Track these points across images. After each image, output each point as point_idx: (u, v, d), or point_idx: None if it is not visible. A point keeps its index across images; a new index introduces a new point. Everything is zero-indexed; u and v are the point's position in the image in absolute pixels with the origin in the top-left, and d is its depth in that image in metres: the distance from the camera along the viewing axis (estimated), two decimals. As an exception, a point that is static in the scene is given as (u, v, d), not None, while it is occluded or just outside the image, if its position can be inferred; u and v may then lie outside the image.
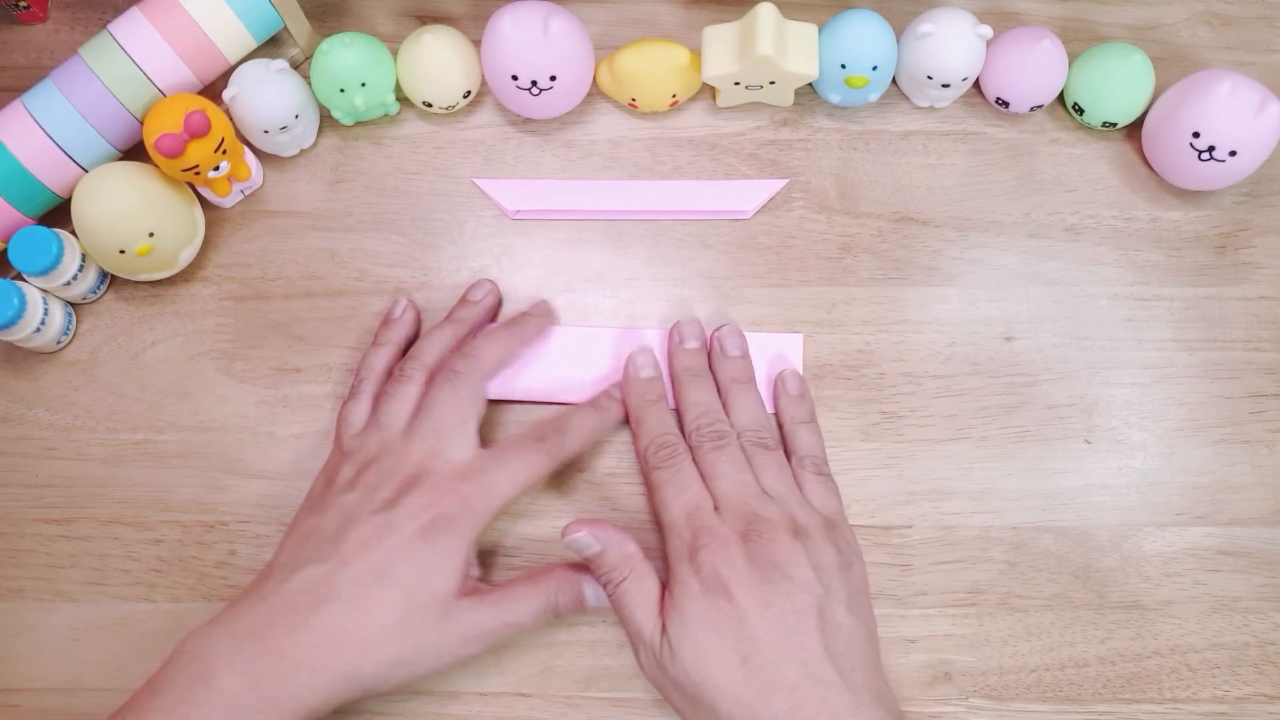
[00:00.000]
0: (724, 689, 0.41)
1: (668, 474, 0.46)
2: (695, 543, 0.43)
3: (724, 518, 0.44)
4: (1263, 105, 0.48)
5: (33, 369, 0.52)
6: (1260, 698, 0.48)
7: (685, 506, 0.45)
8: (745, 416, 0.48)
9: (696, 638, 0.42)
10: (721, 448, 0.47)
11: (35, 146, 0.48)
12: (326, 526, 0.44)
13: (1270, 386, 0.52)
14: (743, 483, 0.46)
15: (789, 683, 0.41)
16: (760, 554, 0.43)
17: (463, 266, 0.53)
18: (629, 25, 0.56)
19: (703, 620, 0.42)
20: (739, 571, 0.42)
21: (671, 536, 0.44)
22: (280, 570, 0.43)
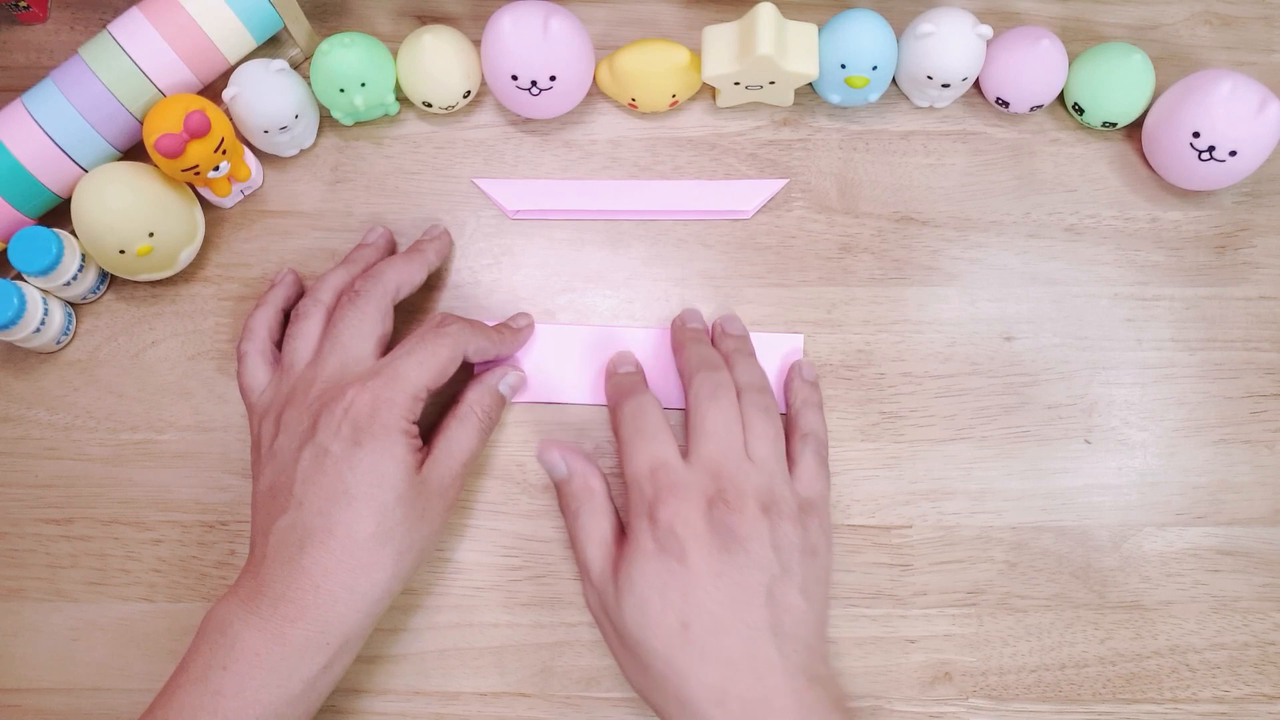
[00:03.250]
0: (659, 650, 0.41)
1: (635, 425, 0.45)
2: (657, 498, 0.42)
3: (694, 475, 0.43)
4: (1263, 105, 0.48)
5: (33, 369, 0.52)
6: (1260, 698, 0.48)
7: (651, 460, 0.44)
8: (748, 376, 0.47)
9: (642, 595, 0.41)
10: (717, 398, 0.45)
11: (35, 146, 0.48)
12: (273, 481, 0.44)
13: (1270, 386, 0.52)
14: (729, 444, 0.44)
15: (725, 655, 0.40)
16: (722, 522, 0.42)
17: (463, 266, 0.53)
18: (629, 25, 0.56)
19: (651, 580, 0.41)
20: (697, 535, 0.42)
21: (633, 490, 0.44)
22: (257, 540, 0.44)
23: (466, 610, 0.49)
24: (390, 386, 0.44)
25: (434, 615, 0.49)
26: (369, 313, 0.46)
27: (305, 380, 0.45)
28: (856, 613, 0.49)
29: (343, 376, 0.45)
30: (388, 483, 0.43)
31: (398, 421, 0.44)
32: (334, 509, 0.42)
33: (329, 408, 0.44)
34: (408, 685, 0.48)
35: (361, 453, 0.43)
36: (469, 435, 0.47)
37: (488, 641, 0.49)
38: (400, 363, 0.45)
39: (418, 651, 0.49)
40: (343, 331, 0.46)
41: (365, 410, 0.43)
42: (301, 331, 0.47)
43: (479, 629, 0.49)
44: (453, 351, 0.46)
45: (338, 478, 0.42)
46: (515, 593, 0.49)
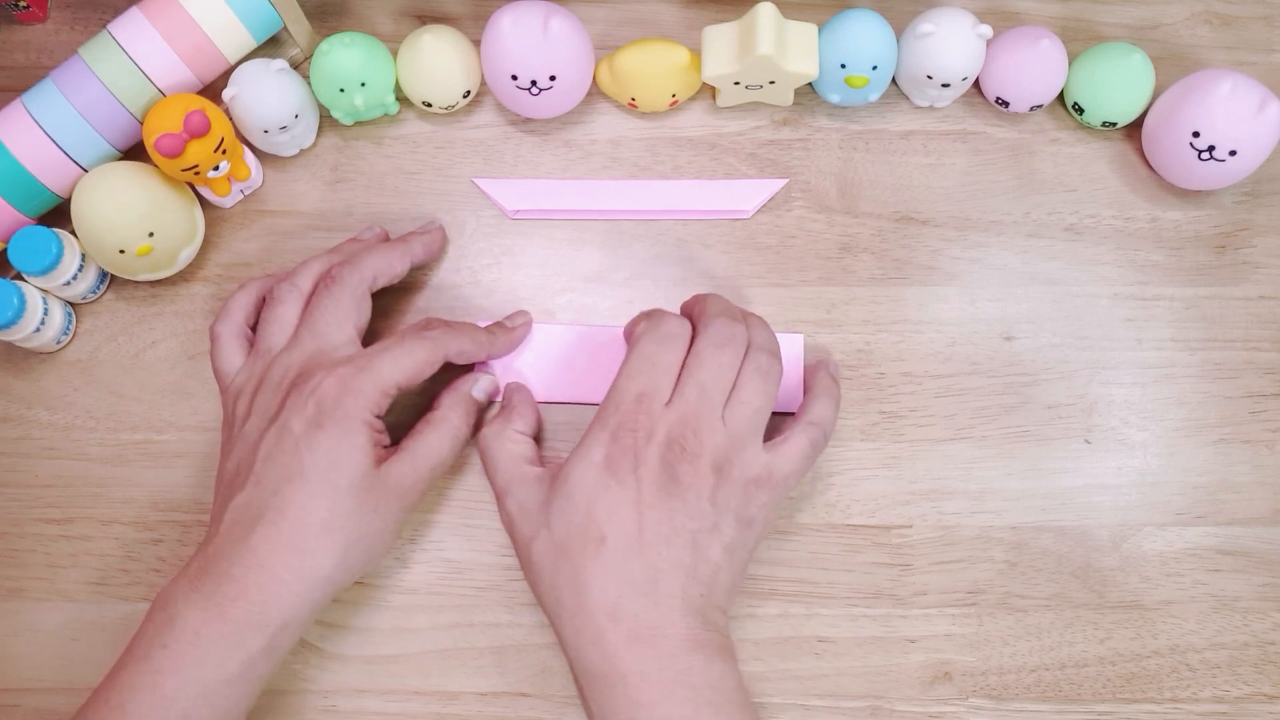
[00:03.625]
0: (572, 554, 0.42)
1: (647, 349, 0.44)
2: (624, 423, 0.43)
3: (669, 415, 0.43)
4: (1263, 105, 0.48)
5: (33, 369, 0.52)
6: (1260, 698, 0.48)
7: (639, 387, 0.44)
8: (761, 337, 0.46)
9: (573, 497, 0.43)
10: (724, 349, 0.44)
11: (35, 146, 0.48)
12: (238, 461, 0.44)
13: (1270, 386, 0.52)
14: (711, 400, 0.44)
15: (631, 576, 0.42)
16: (672, 465, 0.43)
17: (462, 266, 0.53)
18: (629, 25, 0.56)
19: (586, 487, 0.42)
20: (647, 467, 0.42)
21: (608, 403, 0.44)
22: (215, 516, 0.44)
23: (466, 610, 0.49)
24: (359, 376, 0.44)
25: (434, 615, 0.49)
26: (344, 300, 0.46)
27: (280, 365, 0.45)
28: (857, 613, 0.49)
29: (317, 362, 0.45)
30: (343, 469, 0.43)
31: (360, 411, 0.43)
32: (288, 488, 0.42)
33: (298, 388, 0.44)
34: (408, 685, 0.48)
35: (321, 435, 0.43)
36: (438, 440, 0.46)
37: (488, 641, 0.49)
38: (375, 356, 0.45)
39: (418, 651, 0.49)
40: (319, 318, 0.46)
41: (331, 394, 0.43)
42: (277, 316, 0.47)
43: (479, 629, 0.49)
44: (431, 354, 0.46)
45: (296, 457, 0.43)
46: (515, 593, 0.49)
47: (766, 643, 0.49)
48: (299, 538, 0.42)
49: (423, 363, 0.46)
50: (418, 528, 0.50)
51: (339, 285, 0.47)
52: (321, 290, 0.47)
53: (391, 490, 0.44)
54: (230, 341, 0.48)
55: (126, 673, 0.41)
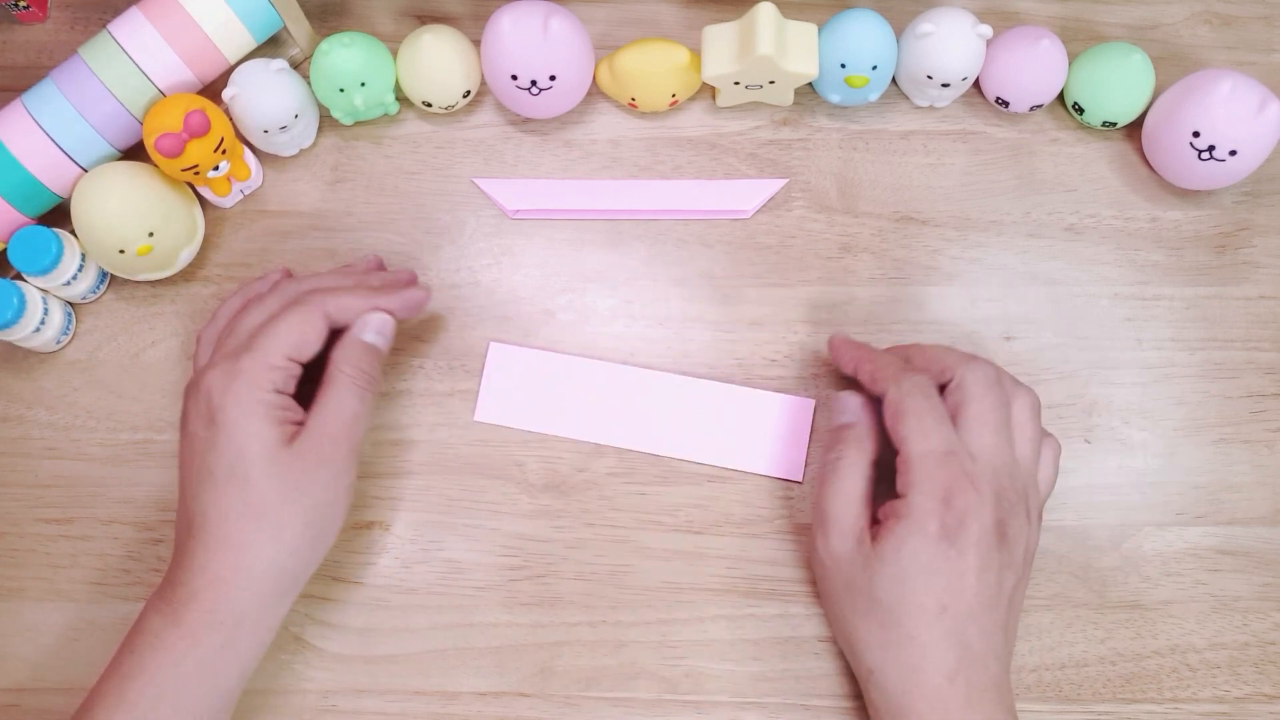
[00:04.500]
0: (906, 625, 0.42)
1: (924, 404, 0.44)
2: (954, 485, 0.42)
3: (983, 469, 0.43)
4: (1263, 105, 0.48)
5: (33, 369, 0.52)
6: (1260, 698, 0.48)
7: (944, 444, 0.43)
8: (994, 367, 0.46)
9: (907, 571, 0.42)
10: (992, 389, 0.44)
11: (35, 146, 0.48)
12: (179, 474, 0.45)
13: (1270, 386, 0.52)
14: (1003, 440, 0.44)
15: (967, 641, 0.42)
16: (1003, 523, 0.43)
17: (462, 266, 0.53)
18: (629, 25, 0.56)
19: (922, 560, 0.42)
20: (986, 532, 0.42)
21: (918, 467, 0.43)
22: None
23: (466, 610, 0.49)
24: (241, 360, 0.43)
25: (434, 615, 0.49)
26: (269, 305, 0.46)
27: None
28: (856, 613, 0.49)
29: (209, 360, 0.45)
30: (246, 458, 0.42)
31: (251, 393, 0.42)
32: (203, 492, 0.43)
33: (191, 392, 0.44)
34: (408, 685, 0.49)
35: (216, 431, 0.42)
36: (342, 395, 0.44)
37: (488, 641, 0.49)
38: (254, 340, 0.44)
39: (418, 651, 0.49)
40: (236, 322, 0.45)
41: (219, 388, 0.43)
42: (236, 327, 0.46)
43: (479, 629, 0.49)
44: (308, 316, 0.44)
45: (201, 460, 0.43)
46: (515, 593, 0.49)
47: (766, 642, 0.49)
48: (227, 535, 0.42)
49: (302, 326, 0.44)
50: (418, 528, 0.50)
51: (271, 292, 0.46)
52: (256, 298, 0.46)
53: (311, 462, 0.43)
54: (206, 347, 0.47)
55: (104, 682, 0.42)
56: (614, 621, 0.49)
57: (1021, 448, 0.45)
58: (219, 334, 0.47)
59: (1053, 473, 0.46)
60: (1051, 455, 0.46)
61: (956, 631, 0.42)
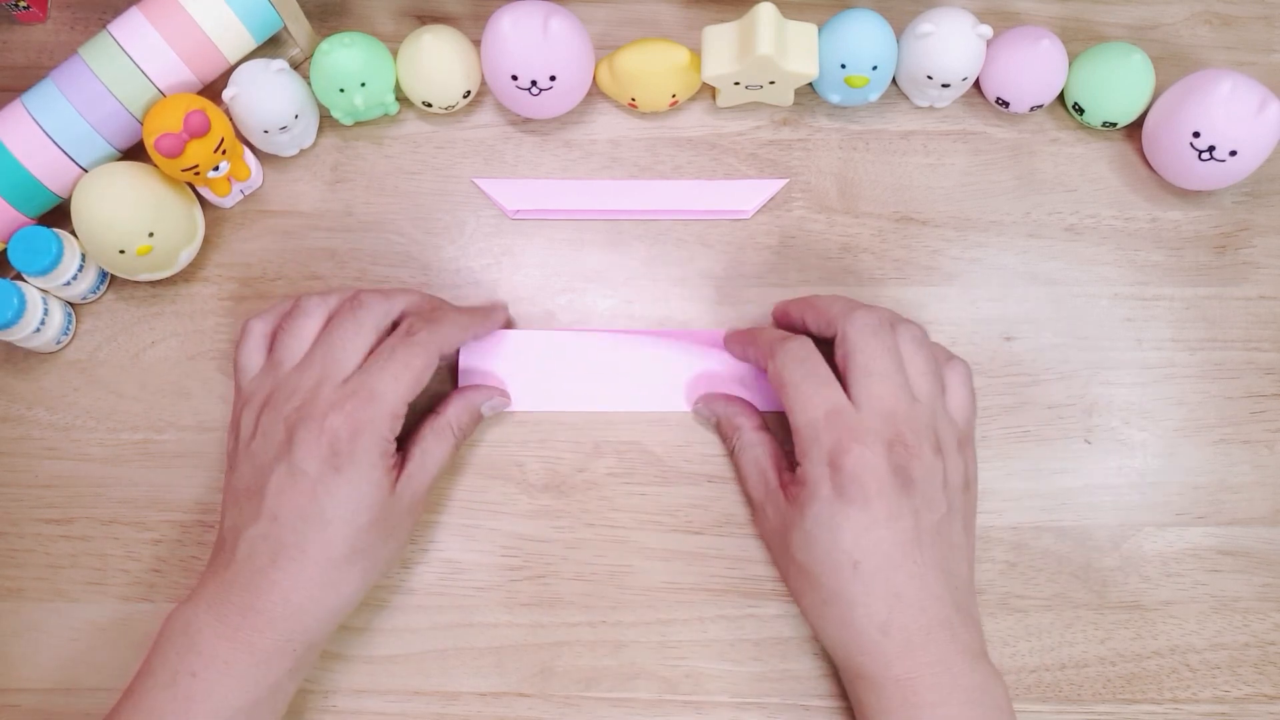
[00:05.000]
0: (828, 583, 0.43)
1: (803, 370, 0.44)
2: (839, 445, 0.42)
3: (869, 419, 0.43)
4: (1263, 105, 0.48)
5: (33, 369, 0.52)
6: (1260, 698, 0.48)
7: (826, 405, 0.43)
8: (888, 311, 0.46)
9: (814, 535, 0.43)
10: (879, 335, 0.44)
11: (35, 146, 0.48)
12: (247, 483, 0.44)
13: (1270, 386, 0.52)
14: (896, 383, 0.44)
15: (894, 589, 0.42)
16: (902, 466, 0.42)
17: (462, 266, 0.53)
18: (629, 25, 0.56)
19: (825, 522, 0.42)
20: (881, 481, 0.42)
21: (806, 434, 0.43)
22: (227, 539, 0.44)
23: (466, 610, 0.49)
24: (369, 409, 0.43)
25: (434, 615, 0.49)
26: (365, 327, 0.45)
27: (289, 384, 0.44)
28: (856, 613, 0.49)
29: (320, 388, 0.44)
30: (363, 507, 0.43)
31: (378, 444, 0.43)
32: (308, 529, 0.42)
33: (305, 425, 0.43)
34: (408, 685, 0.49)
35: (340, 479, 0.42)
36: (443, 450, 0.47)
37: (488, 641, 0.49)
38: (376, 381, 0.44)
39: (418, 651, 0.49)
40: (334, 340, 0.45)
41: (344, 435, 0.42)
42: (297, 329, 0.46)
43: (479, 629, 0.49)
44: (426, 360, 0.45)
45: (313, 499, 0.42)
46: (515, 593, 0.49)
47: (766, 643, 0.49)
48: (323, 573, 0.42)
49: (420, 371, 0.45)
50: (418, 528, 0.50)
51: (364, 309, 0.45)
52: (345, 310, 0.46)
53: (405, 510, 0.45)
54: (258, 340, 0.47)
55: (153, 698, 0.41)
56: (614, 621, 0.49)
57: (917, 385, 0.44)
58: (273, 331, 0.47)
59: (965, 396, 0.46)
60: (958, 379, 0.46)
61: (879, 583, 0.42)
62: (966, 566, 0.44)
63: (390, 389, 0.44)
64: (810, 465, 0.43)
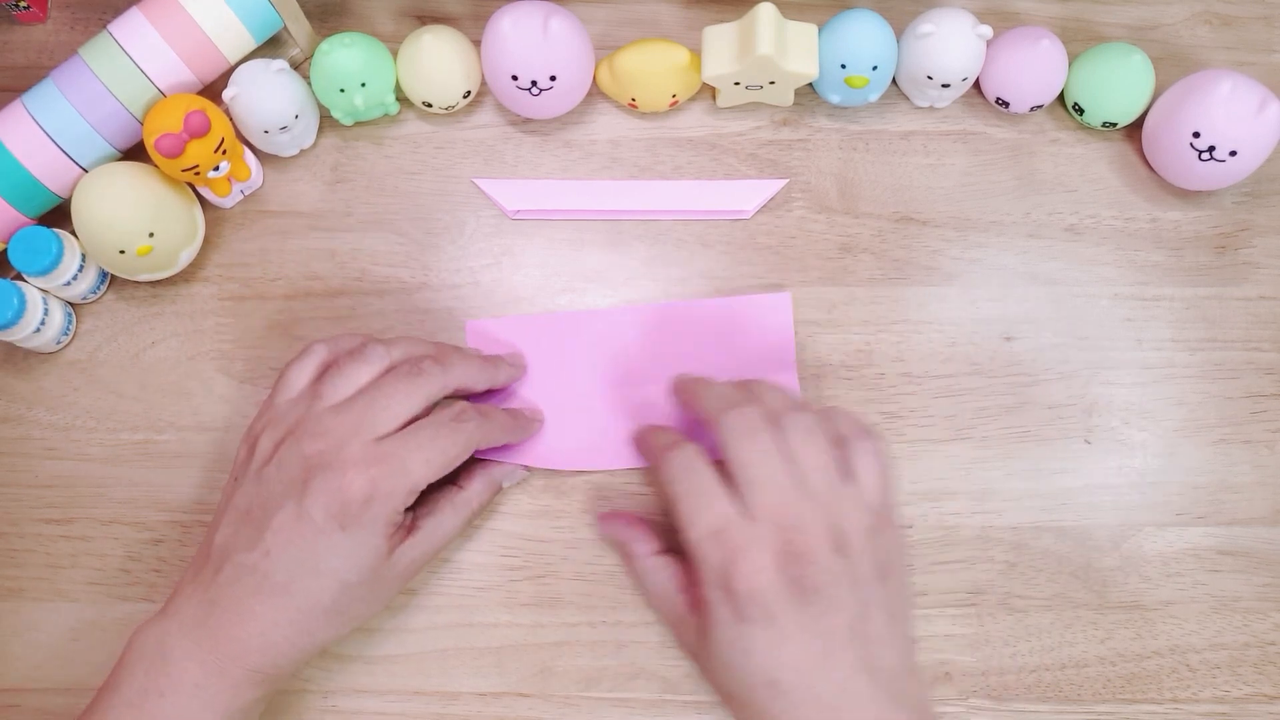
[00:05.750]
0: (751, 703, 0.41)
1: (686, 484, 0.42)
2: (728, 566, 0.40)
3: (758, 530, 0.41)
4: (1263, 105, 0.48)
5: (33, 369, 0.52)
6: (1260, 698, 0.48)
7: (711, 524, 0.41)
8: (775, 400, 0.44)
9: (726, 660, 0.41)
10: (754, 436, 0.42)
11: (35, 146, 0.48)
12: (249, 506, 0.43)
13: (1270, 386, 0.52)
14: (782, 485, 0.41)
15: (818, 699, 0.40)
16: (797, 577, 0.40)
17: (462, 266, 0.53)
18: (629, 25, 0.56)
19: (734, 647, 0.41)
20: (777, 598, 0.40)
21: (698, 554, 0.41)
22: (215, 556, 0.43)
23: (466, 610, 0.49)
24: (392, 479, 0.42)
25: (434, 615, 0.49)
26: (416, 397, 0.44)
27: (321, 422, 0.43)
28: (856, 613, 0.49)
29: (351, 440, 0.43)
30: (356, 570, 0.43)
31: (389, 514, 0.43)
32: (299, 574, 0.42)
33: (325, 473, 0.42)
34: (408, 685, 0.49)
35: (342, 537, 0.42)
36: (457, 524, 0.47)
37: (488, 641, 0.49)
38: (408, 454, 0.43)
39: (418, 651, 0.49)
40: (380, 397, 0.44)
41: (359, 496, 0.42)
42: (351, 370, 0.45)
43: (479, 629, 0.49)
44: (463, 451, 0.45)
45: (311, 549, 0.42)
46: (515, 593, 0.49)
47: (766, 643, 0.49)
48: (303, 619, 0.43)
49: (454, 459, 0.44)
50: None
51: (422, 379, 0.45)
52: (404, 373, 0.45)
53: (399, 573, 0.45)
54: (313, 364, 0.46)
55: (116, 714, 0.41)
56: (614, 621, 0.49)
57: (811, 480, 0.42)
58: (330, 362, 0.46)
59: (875, 474, 0.43)
60: (867, 458, 0.43)
61: (802, 698, 0.40)
62: (896, 654, 0.41)
63: (420, 468, 0.43)
64: (707, 589, 0.41)
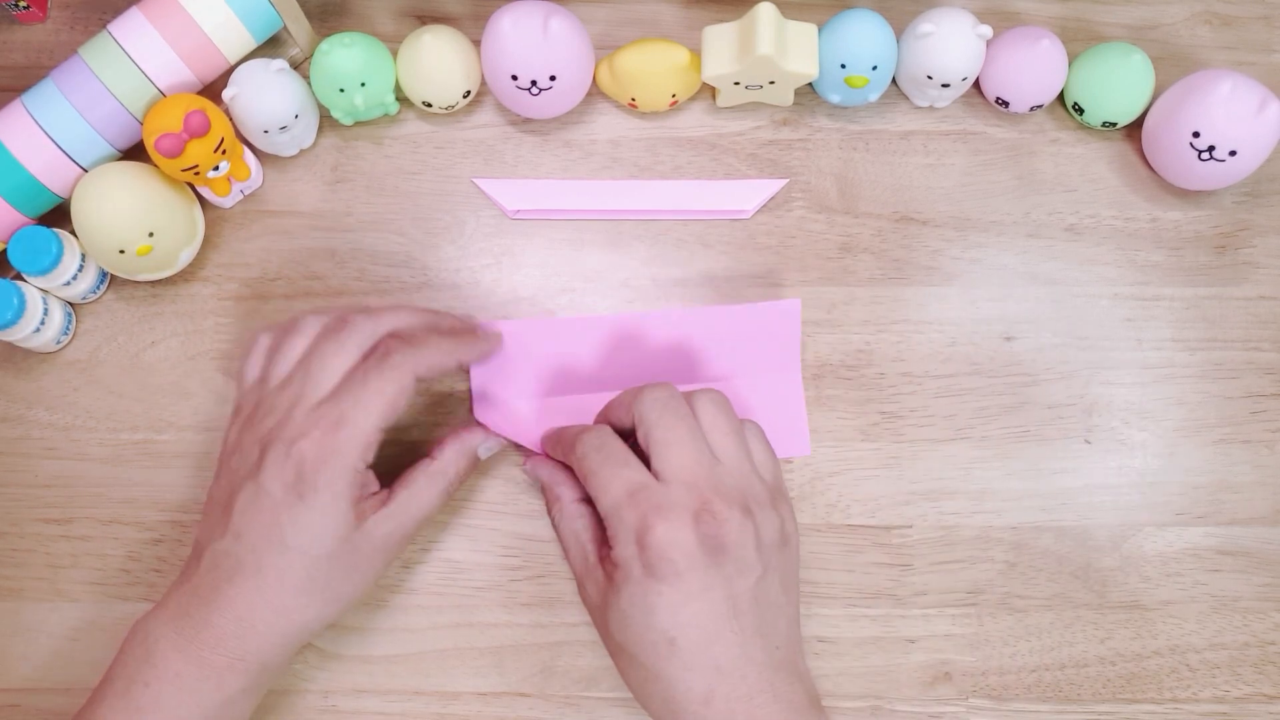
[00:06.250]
0: (646, 663, 0.41)
1: (601, 455, 0.43)
2: (643, 524, 0.41)
3: (673, 492, 0.42)
4: (1263, 105, 0.48)
5: (33, 369, 0.52)
6: (1260, 698, 0.48)
7: (627, 484, 0.42)
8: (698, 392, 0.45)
9: (628, 616, 0.42)
10: (669, 408, 0.43)
11: (35, 146, 0.48)
12: (221, 496, 0.44)
13: (1270, 386, 0.52)
14: (695, 450, 0.43)
15: (713, 662, 0.41)
16: (711, 535, 0.41)
17: (462, 266, 0.53)
18: (629, 25, 0.56)
19: (639, 603, 0.41)
20: (689, 555, 0.41)
21: (612, 517, 0.42)
22: (196, 548, 0.44)
23: (466, 610, 0.49)
24: (337, 435, 0.42)
25: (434, 615, 0.49)
26: (347, 349, 0.44)
27: (268, 401, 0.44)
28: (856, 613, 0.49)
29: (294, 409, 0.43)
30: (323, 540, 0.42)
31: (344, 474, 0.42)
32: (266, 551, 0.42)
33: (274, 447, 0.42)
34: (408, 685, 0.49)
35: (302, 506, 0.42)
36: (433, 494, 0.45)
37: (488, 641, 0.49)
38: (346, 408, 0.43)
39: (418, 651, 0.49)
40: (314, 360, 0.44)
41: (310, 462, 0.42)
42: (288, 347, 0.45)
43: (479, 629, 0.49)
44: (399, 385, 0.43)
45: (274, 523, 0.42)
46: (515, 593, 0.49)
47: (766, 643, 0.49)
48: (276, 598, 0.42)
49: (394, 396, 0.43)
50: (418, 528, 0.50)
51: (348, 334, 0.44)
52: (330, 329, 0.45)
53: (376, 546, 0.44)
54: (261, 352, 0.46)
55: (107, 707, 0.42)
56: (614, 621, 0.49)
57: (720, 446, 0.43)
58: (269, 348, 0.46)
59: (765, 451, 0.45)
60: (755, 439, 0.45)
61: (697, 659, 0.41)
62: (788, 623, 0.43)
63: (361, 417, 0.43)
64: (620, 547, 0.42)
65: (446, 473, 0.46)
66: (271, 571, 0.42)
